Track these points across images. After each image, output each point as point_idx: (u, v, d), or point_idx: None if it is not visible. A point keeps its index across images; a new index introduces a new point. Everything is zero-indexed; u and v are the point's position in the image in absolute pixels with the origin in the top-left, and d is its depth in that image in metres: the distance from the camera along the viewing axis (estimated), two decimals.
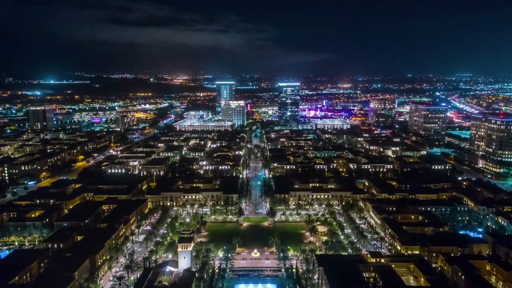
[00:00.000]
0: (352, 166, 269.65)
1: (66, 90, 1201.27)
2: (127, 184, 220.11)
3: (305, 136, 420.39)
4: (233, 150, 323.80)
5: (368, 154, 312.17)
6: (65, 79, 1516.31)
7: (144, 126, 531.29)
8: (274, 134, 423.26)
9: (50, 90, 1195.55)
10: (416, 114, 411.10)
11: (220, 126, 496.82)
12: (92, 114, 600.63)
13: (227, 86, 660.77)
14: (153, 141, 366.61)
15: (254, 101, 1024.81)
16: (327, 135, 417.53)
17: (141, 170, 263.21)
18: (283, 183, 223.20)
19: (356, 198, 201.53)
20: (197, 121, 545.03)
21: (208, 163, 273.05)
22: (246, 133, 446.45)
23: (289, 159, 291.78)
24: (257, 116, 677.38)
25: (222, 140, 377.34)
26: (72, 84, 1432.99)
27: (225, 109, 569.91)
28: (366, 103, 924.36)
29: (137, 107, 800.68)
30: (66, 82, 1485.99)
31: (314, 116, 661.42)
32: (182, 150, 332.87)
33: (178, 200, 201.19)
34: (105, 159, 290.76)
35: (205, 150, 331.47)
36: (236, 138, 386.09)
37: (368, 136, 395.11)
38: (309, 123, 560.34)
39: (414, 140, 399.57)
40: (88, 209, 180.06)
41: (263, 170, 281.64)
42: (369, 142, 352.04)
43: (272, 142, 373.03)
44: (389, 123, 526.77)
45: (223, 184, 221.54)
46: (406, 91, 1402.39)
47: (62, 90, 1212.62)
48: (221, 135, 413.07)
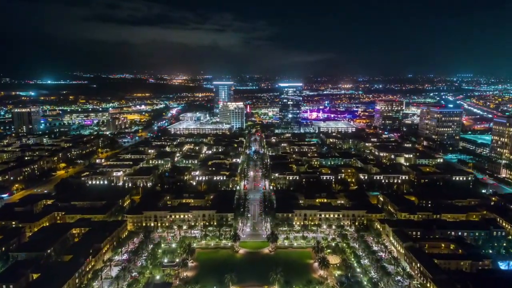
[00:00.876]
0: (363, 177, 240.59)
1: (62, 91, 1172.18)
2: (107, 199, 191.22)
3: (308, 141, 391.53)
4: (230, 157, 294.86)
5: (379, 162, 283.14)
6: (63, 79, 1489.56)
7: (137, 129, 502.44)
8: (275, 138, 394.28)
9: (45, 91, 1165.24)
10: (428, 117, 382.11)
11: (217, 129, 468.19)
12: (83, 116, 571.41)
13: (225, 86, 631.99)
14: (144, 146, 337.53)
15: (254, 102, 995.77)
16: (331, 139, 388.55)
17: (126, 181, 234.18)
18: (286, 198, 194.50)
19: (371, 218, 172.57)
20: (194, 124, 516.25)
21: (202, 173, 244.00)
22: (245, 137, 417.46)
23: (292, 167, 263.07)
24: (257, 118, 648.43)
25: (218, 145, 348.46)
26: (69, 84, 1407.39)
27: (222, 111, 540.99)
28: (369, 104, 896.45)
29: (132, 108, 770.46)
30: (63, 82, 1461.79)
31: (316, 118, 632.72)
32: (174, 157, 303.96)
33: (163, 220, 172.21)
34: (87, 168, 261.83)
35: (200, 157, 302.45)
36: (234, 143, 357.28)
37: (376, 141, 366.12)
38: (312, 125, 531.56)
39: (426, 145, 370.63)
40: (55, 233, 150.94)
41: (263, 180, 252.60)
42: (378, 148, 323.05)
43: (273, 147, 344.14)
44: (396, 126, 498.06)
45: (217, 199, 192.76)
46: (408, 92, 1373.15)
47: (58, 90, 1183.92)
48: (217, 139, 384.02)
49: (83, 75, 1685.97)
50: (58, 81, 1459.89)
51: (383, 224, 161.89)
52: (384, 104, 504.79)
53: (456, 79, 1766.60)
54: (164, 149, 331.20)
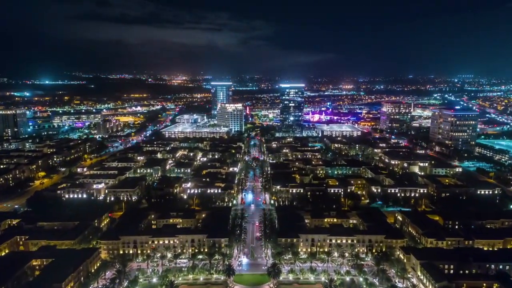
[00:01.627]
0: (375, 190, 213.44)
1: (59, 91, 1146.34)
2: (82, 218, 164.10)
3: (311, 146, 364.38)
4: (226, 165, 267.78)
5: (391, 172, 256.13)
6: (62, 79, 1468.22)
7: (130, 132, 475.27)
8: (276, 143, 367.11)
9: (41, 91, 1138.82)
10: (440, 120, 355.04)
11: (214, 132, 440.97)
12: (74, 118, 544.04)
13: (224, 87, 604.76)
14: (133, 152, 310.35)
15: (254, 103, 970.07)
16: (336, 144, 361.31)
17: (108, 194, 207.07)
18: (289, 217, 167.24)
19: (391, 244, 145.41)
20: (190, 127, 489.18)
21: (194, 185, 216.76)
22: (244, 141, 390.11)
23: (295, 178, 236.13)
24: (257, 120, 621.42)
25: (215, 151, 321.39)
26: (67, 85, 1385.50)
27: (220, 113, 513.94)
28: (372, 106, 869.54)
29: (127, 109, 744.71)
30: (61, 82, 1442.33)
31: (318, 120, 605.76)
32: (166, 165, 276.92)
33: (144, 247, 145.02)
34: (66, 179, 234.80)
35: (193, 165, 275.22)
36: (232, 149, 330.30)
37: (385, 147, 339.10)
38: (314, 129, 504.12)
39: (439, 151, 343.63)
40: (11, 265, 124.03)
41: (262, 193, 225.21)
42: (389, 155, 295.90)
43: (274, 153, 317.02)
44: (404, 130, 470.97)
45: (210, 219, 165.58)
46: (410, 93, 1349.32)
47: (55, 91, 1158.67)
48: (214, 144, 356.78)
49: (82, 75, 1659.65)
50: (56, 82, 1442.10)
51: (407, 255, 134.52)
52: (391, 106, 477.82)
53: (458, 80, 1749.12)
54: (155, 156, 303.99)
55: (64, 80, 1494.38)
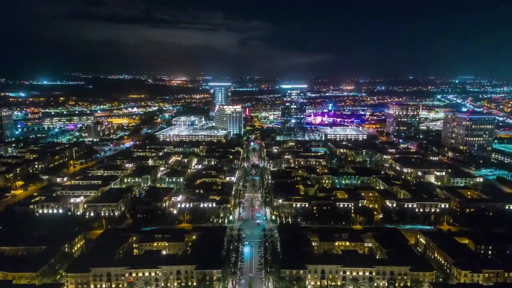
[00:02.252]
0: (390, 205, 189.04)
1: (56, 92, 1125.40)
2: (52, 240, 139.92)
3: (315, 151, 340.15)
4: (223, 174, 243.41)
5: (405, 182, 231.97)
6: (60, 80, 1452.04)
7: (123, 135, 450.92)
8: (277, 148, 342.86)
9: (37, 92, 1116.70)
10: (454, 124, 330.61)
11: (212, 136, 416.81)
12: (65, 120, 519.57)
13: (223, 88, 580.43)
14: (122, 158, 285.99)
15: (254, 104, 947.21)
16: (341, 149, 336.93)
17: (86, 209, 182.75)
18: (294, 239, 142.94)
19: (418, 278, 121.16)
20: (186, 130, 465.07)
21: (186, 198, 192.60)
22: (243, 145, 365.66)
23: (299, 189, 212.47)
24: (257, 122, 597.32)
25: (211, 157, 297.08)
26: (65, 85, 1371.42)
27: (218, 115, 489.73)
28: (375, 107, 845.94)
29: (123, 110, 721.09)
30: (59, 83, 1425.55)
31: (321, 122, 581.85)
32: (157, 173, 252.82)
33: (120, 280, 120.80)
34: (42, 190, 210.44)
35: (187, 174, 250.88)
36: (229, 154, 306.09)
37: (394, 152, 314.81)
38: (317, 132, 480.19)
39: (452, 157, 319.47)
40: None
41: (262, 207, 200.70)
42: (400, 162, 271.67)
43: (275, 159, 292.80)
44: (412, 133, 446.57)
45: (201, 243, 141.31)
46: (412, 94, 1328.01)
47: (52, 91, 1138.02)
48: (211, 149, 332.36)
49: (81, 76, 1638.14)
50: (55, 82, 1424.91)
51: None
52: (398, 108, 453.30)
53: (459, 81, 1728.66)
54: (146, 163, 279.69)
55: (63, 80, 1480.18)
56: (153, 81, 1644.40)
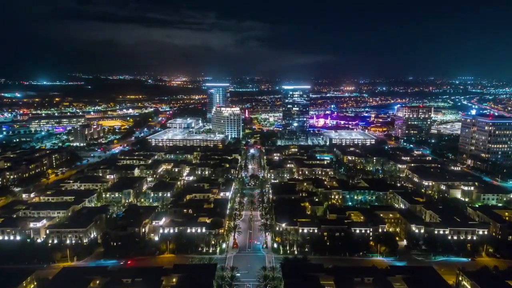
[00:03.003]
0: (416, 229, 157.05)
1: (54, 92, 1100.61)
2: None
3: (320, 158, 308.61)
4: (217, 188, 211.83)
5: (429, 199, 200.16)
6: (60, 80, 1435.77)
7: (113, 138, 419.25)
8: (278, 155, 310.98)
9: (33, 92, 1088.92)
10: (474, 129, 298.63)
11: (208, 140, 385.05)
12: (54, 122, 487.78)
13: (221, 88, 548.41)
14: (105, 168, 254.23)
15: (254, 105, 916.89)
16: (349, 156, 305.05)
17: (49, 235, 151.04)
18: (303, 286, 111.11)
19: None
20: (181, 133, 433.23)
21: (170, 221, 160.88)
22: (241, 151, 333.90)
23: (305, 208, 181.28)
24: (256, 125, 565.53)
25: (205, 165, 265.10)
26: (64, 86, 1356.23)
27: (216, 118, 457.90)
28: (379, 109, 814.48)
29: (117, 112, 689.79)
30: (59, 83, 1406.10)
31: (324, 125, 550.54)
32: (142, 186, 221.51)
33: None
34: (3, 210, 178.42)
35: (176, 187, 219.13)
36: (226, 162, 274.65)
37: (409, 160, 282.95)
38: (321, 135, 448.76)
39: (472, 165, 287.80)
40: None
41: (262, 232, 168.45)
42: (418, 173, 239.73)
43: (276, 169, 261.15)
44: (423, 137, 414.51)
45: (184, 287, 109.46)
46: (414, 95, 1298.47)
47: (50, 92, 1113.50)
48: (205, 156, 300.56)
49: (82, 76, 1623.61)
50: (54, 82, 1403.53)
51: None
52: (408, 110, 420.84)
53: (459, 82, 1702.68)
54: (131, 173, 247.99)
55: (62, 81, 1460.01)
56: (153, 82, 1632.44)
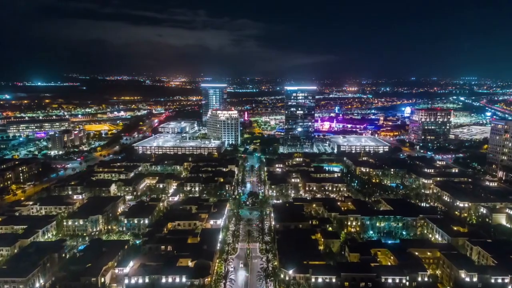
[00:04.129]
0: (467, 277, 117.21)
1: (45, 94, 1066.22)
2: None
3: (329, 170, 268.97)
4: (207, 212, 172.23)
5: (472, 228, 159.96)
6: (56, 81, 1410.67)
7: (97, 145, 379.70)
8: (281, 166, 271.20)
9: (24, 94, 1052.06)
10: (506, 136, 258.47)
11: (202, 148, 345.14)
12: (34, 127, 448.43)
13: (218, 89, 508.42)
14: (76, 185, 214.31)
15: (254, 107, 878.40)
16: (363, 167, 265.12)
17: None
18: None
19: None
20: (173, 139, 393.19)
21: (139, 266, 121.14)
22: (239, 161, 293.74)
23: (317, 242, 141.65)
24: (256, 128, 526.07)
25: (195, 180, 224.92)
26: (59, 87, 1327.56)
27: (211, 122, 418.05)
28: (387, 110, 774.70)
29: (108, 115, 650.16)
30: (53, 84, 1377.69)
31: (329, 129, 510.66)
32: (116, 209, 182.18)
33: None
34: None
35: (156, 211, 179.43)
36: (220, 176, 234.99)
37: (434, 173, 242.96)
38: (327, 141, 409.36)
39: (505, 179, 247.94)
40: None
41: (262, 282, 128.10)
42: (449, 191, 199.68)
43: (278, 184, 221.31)
44: (441, 143, 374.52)
45: None
46: (420, 95, 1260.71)
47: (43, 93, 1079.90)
48: (197, 168, 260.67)
49: (78, 77, 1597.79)
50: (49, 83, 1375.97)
51: None
52: (425, 113, 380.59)
53: (463, 82, 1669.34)
54: (106, 190, 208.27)
55: (57, 82, 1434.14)
56: (151, 82, 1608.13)
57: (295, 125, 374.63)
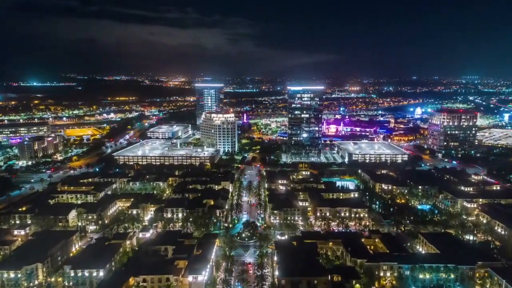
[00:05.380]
0: None
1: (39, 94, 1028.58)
2: None
3: (344, 187, 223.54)
4: (186, 256, 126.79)
5: None
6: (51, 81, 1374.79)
7: (75, 154, 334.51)
8: (284, 181, 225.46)
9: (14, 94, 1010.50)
10: None
11: (193, 157, 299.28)
12: (9, 132, 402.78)
13: (213, 90, 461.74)
14: (25, 212, 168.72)
15: (254, 107, 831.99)
16: (384, 184, 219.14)
17: None
18: None
19: None
20: (162, 146, 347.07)
21: None
22: (233, 178, 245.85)
23: None
24: (256, 133, 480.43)
25: (178, 204, 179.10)
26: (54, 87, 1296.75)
27: (205, 126, 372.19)
28: (395, 111, 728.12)
29: (96, 117, 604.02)
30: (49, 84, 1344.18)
31: (336, 133, 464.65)
32: (67, 250, 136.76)
33: None
34: None
35: (119, 255, 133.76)
36: (210, 196, 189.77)
37: (473, 191, 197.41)
38: (334, 147, 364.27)
39: None
40: None
41: None
42: (501, 219, 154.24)
43: (282, 209, 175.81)
44: (466, 151, 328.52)
45: None
46: (425, 95, 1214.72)
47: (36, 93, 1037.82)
48: (183, 186, 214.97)
49: (77, 77, 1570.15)
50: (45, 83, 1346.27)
51: None
52: (447, 116, 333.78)
53: (466, 81, 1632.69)
54: (64, 219, 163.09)
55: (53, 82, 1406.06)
56: (149, 82, 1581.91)
57: (300, 130, 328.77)
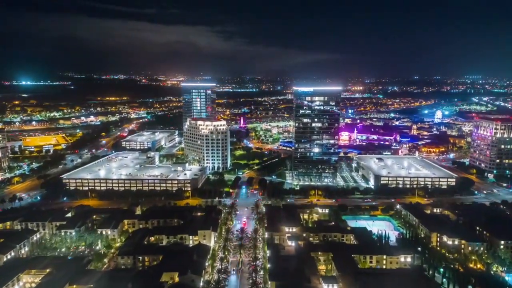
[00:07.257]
0: None
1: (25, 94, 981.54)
2: None
3: (382, 236, 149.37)
4: None
5: None
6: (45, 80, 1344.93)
7: (22, 171, 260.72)
8: (293, 228, 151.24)
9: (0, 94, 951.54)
10: None
11: (169, 180, 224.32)
12: None
13: (203, 90, 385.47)
14: None
15: (253, 109, 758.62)
16: (446, 237, 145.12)
17: None
18: None
19: None
20: (133, 162, 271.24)
21: None
22: (218, 223, 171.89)
23: None
24: (254, 140, 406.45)
25: (120, 282, 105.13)
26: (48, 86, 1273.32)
27: (189, 136, 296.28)
28: (411, 114, 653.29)
29: (72, 120, 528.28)
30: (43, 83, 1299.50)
31: (350, 143, 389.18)
32: None
33: None
34: None
35: None
36: (176, 263, 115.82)
37: None
38: (352, 161, 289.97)
39: None
40: None
41: None
42: None
43: None
44: None
45: None
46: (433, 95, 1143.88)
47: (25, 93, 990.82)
48: (138, 240, 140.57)
49: (73, 76, 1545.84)
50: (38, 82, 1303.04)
51: None
52: (501, 126, 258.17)
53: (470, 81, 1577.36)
54: None
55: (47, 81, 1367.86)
56: (147, 82, 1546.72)
57: (310, 143, 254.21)
